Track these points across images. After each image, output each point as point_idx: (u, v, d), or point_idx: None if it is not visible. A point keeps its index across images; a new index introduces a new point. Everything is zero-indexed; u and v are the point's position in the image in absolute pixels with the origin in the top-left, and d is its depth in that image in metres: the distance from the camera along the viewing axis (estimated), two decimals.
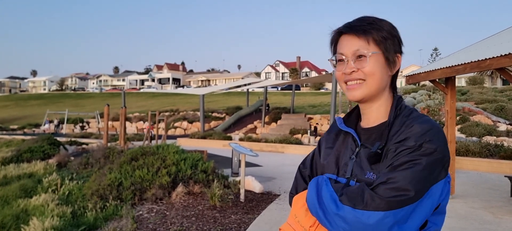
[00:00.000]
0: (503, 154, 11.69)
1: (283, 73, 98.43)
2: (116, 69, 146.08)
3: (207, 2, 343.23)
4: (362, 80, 1.13)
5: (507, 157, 11.35)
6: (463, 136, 16.98)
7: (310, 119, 26.92)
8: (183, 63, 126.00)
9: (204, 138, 21.34)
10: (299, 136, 22.00)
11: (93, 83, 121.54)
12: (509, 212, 6.03)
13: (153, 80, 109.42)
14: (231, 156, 9.59)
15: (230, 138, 21.02)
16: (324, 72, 79.62)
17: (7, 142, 21.94)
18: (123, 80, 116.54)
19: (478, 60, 5.73)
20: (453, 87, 7.21)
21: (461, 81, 49.89)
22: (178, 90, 48.98)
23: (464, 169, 10.80)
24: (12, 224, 5.71)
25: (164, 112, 35.69)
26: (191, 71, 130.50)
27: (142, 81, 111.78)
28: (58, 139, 16.77)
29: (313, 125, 24.95)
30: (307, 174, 1.28)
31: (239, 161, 8.51)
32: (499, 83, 44.45)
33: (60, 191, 7.65)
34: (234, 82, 50.35)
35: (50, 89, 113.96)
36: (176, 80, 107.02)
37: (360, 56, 1.12)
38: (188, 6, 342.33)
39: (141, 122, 36.05)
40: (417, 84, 32.58)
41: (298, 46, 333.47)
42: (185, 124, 32.99)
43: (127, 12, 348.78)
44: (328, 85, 62.14)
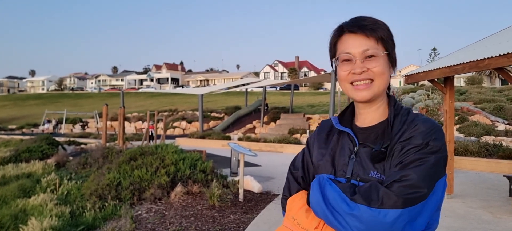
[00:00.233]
0: (501, 153, 11.70)
1: (282, 73, 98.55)
2: (114, 69, 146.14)
3: (206, 2, 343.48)
4: (370, 81, 1.12)
5: (506, 157, 11.36)
6: (461, 135, 16.99)
7: (309, 118, 26.88)
8: (181, 63, 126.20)
9: (203, 137, 21.32)
10: (298, 135, 21.98)
11: (91, 83, 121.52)
12: (507, 212, 6.04)
13: (152, 80, 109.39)
14: (230, 156, 9.57)
15: (229, 138, 21.02)
16: (323, 72, 79.63)
17: (6, 142, 21.92)
18: (122, 80, 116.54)
19: (477, 60, 5.73)
20: (451, 87, 7.21)
21: (459, 81, 49.98)
22: (177, 90, 49.01)
23: (463, 169, 10.81)
24: (11, 224, 5.69)
25: (163, 112, 35.68)
26: (190, 71, 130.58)
27: (141, 81, 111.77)
28: (57, 138, 16.78)
29: (312, 124, 24.97)
30: (300, 175, 1.26)
31: (238, 161, 8.50)
32: (497, 83, 44.45)
33: (59, 191, 7.64)
34: (233, 82, 50.23)
35: (49, 89, 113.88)
36: (175, 80, 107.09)
37: (370, 56, 1.11)
38: (187, 6, 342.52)
39: (140, 122, 35.98)
40: (415, 84, 32.59)
41: (297, 46, 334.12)
42: (184, 123, 32.96)
43: (126, 12, 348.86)
44: (327, 85, 62.14)
